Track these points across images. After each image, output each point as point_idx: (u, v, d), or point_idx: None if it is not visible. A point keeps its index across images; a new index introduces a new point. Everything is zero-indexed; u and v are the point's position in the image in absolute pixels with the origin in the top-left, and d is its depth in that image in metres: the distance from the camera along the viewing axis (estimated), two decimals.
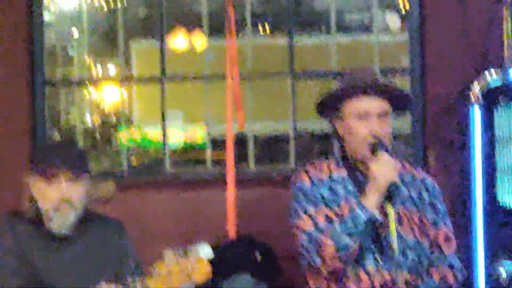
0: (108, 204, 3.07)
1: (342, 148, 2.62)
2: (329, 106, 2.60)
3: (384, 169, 2.48)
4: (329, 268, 2.52)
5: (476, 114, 3.54)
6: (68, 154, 2.89)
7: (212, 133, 4.53)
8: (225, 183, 3.70)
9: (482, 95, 3.54)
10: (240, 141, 4.27)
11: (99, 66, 5.08)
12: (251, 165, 4.31)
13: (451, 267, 2.60)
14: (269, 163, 4.49)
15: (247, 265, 3.62)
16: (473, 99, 3.54)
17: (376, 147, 2.50)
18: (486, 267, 3.42)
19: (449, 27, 4.02)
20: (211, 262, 2.25)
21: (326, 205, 2.55)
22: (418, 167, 2.80)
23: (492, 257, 3.42)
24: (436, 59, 4.07)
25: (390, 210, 2.43)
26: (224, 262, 3.36)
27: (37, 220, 2.68)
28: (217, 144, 4.39)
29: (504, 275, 3.32)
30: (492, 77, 3.54)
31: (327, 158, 2.71)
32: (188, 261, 2.22)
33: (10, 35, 4.10)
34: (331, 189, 2.60)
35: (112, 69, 5.31)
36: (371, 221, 2.45)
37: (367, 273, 2.55)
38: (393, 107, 2.57)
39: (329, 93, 2.65)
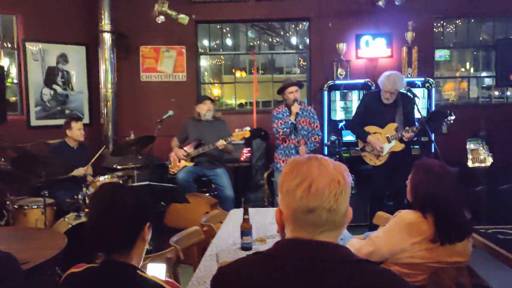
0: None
1: (285, 102, 5.49)
2: (281, 91, 5.47)
3: (293, 108, 5.23)
4: (280, 137, 5.40)
5: (326, 94, 6.86)
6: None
7: (246, 101, 8.07)
8: (252, 113, 7.55)
9: (327, 88, 6.81)
10: (257, 104, 7.73)
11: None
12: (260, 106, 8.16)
13: (318, 135, 5.52)
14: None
15: (260, 135, 6.60)
16: (324, 89, 6.84)
17: (295, 101, 5.36)
18: (327, 138, 6.71)
19: (317, 64, 7.33)
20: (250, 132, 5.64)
21: (280, 119, 5.33)
22: (310, 105, 5.70)
23: (329, 134, 6.75)
24: (314, 74, 7.30)
25: (297, 120, 5.16)
26: (253, 134, 5.68)
27: (199, 117, 5.96)
28: (247, 104, 7.88)
29: (332, 138, 6.47)
30: (330, 82, 6.84)
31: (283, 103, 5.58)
32: (244, 130, 5.58)
33: None
34: (283, 113, 5.47)
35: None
36: (292, 124, 5.18)
37: (290, 140, 5.30)
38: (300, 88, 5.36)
39: (279, 87, 5.57)
